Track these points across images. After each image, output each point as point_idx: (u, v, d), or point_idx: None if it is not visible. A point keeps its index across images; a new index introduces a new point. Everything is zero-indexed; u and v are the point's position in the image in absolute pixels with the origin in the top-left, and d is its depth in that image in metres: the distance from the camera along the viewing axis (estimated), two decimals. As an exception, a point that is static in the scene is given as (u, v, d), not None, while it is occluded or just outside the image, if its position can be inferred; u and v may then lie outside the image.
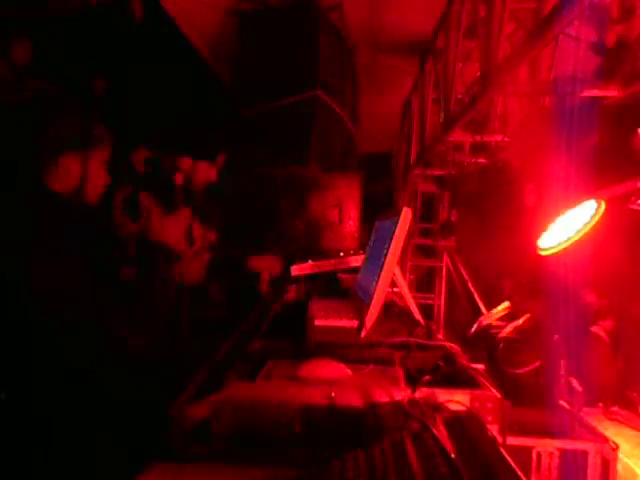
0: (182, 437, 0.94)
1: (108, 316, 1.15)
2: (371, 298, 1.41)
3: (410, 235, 4.76)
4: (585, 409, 3.75)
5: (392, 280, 1.43)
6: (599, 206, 1.80)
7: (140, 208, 3.08)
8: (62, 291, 1.09)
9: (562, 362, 1.90)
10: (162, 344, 1.36)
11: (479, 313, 4.36)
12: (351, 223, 3.17)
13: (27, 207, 1.14)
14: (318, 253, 2.91)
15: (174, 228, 3.13)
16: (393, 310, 1.66)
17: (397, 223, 1.40)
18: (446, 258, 5.03)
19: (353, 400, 0.95)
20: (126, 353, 1.15)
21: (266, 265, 3.00)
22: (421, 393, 0.95)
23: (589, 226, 1.76)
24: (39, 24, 3.26)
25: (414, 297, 1.66)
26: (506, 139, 1.99)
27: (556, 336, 2.17)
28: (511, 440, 0.92)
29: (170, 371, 1.17)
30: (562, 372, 1.84)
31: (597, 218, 1.74)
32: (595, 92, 1.59)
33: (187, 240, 3.15)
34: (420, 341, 1.38)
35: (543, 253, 1.66)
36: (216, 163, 3.28)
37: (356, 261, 2.71)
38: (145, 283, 3.02)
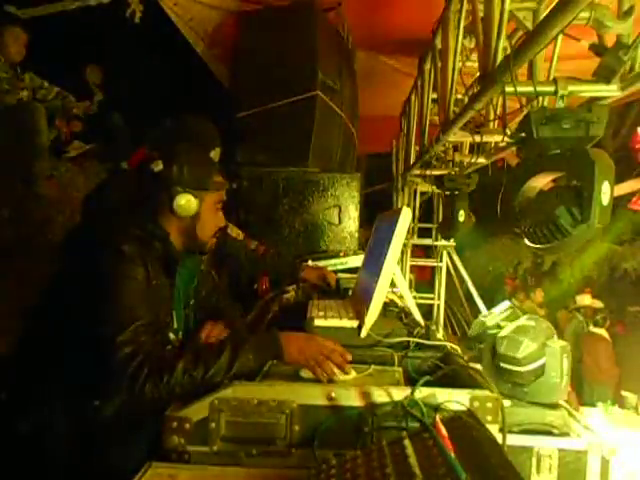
0: (181, 437, 0.94)
1: None
2: (371, 298, 1.40)
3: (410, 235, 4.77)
4: (585, 409, 3.75)
5: (392, 280, 1.43)
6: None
7: None
8: None
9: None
10: None
11: (479, 313, 4.35)
12: (351, 223, 3.17)
13: None
14: (318, 253, 2.91)
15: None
16: (393, 310, 1.66)
17: (397, 223, 1.40)
18: (446, 258, 5.03)
19: (353, 400, 0.95)
20: None
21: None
22: (421, 393, 0.95)
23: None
24: (37, 21, 3.24)
25: (414, 297, 1.66)
26: (506, 139, 1.99)
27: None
28: (511, 440, 0.92)
29: None
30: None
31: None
32: (595, 92, 1.59)
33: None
34: (420, 341, 1.38)
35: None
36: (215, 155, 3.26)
37: (356, 261, 2.70)
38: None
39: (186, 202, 1.25)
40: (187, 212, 1.26)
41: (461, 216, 3.03)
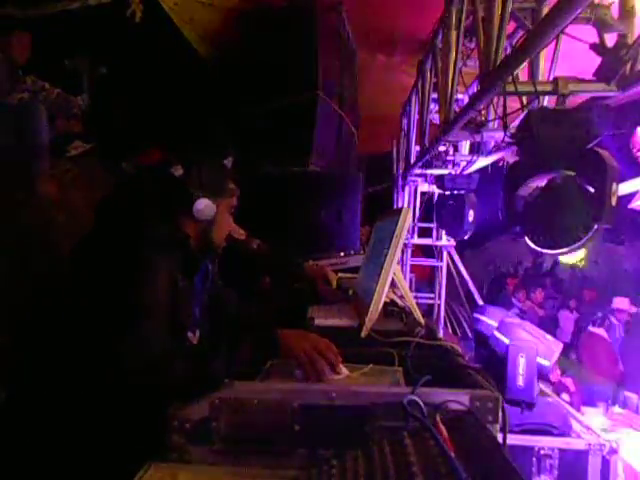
0: (182, 437, 0.93)
1: None
2: (371, 298, 1.40)
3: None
4: (585, 409, 3.75)
5: (392, 280, 1.43)
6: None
7: None
8: None
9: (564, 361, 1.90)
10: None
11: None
12: (351, 223, 3.17)
13: None
14: (318, 253, 2.91)
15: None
16: (393, 310, 1.66)
17: (397, 223, 1.40)
18: (446, 258, 5.04)
19: (353, 400, 0.95)
20: None
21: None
22: (421, 393, 0.95)
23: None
24: (38, 21, 3.23)
25: (414, 297, 1.66)
26: (506, 139, 1.99)
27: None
28: (511, 440, 0.92)
29: None
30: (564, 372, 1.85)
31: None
32: (595, 92, 1.59)
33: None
34: (420, 341, 1.38)
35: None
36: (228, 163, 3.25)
37: (356, 261, 2.70)
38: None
39: (206, 207, 1.28)
40: (206, 216, 1.30)
41: (470, 216, 3.08)
